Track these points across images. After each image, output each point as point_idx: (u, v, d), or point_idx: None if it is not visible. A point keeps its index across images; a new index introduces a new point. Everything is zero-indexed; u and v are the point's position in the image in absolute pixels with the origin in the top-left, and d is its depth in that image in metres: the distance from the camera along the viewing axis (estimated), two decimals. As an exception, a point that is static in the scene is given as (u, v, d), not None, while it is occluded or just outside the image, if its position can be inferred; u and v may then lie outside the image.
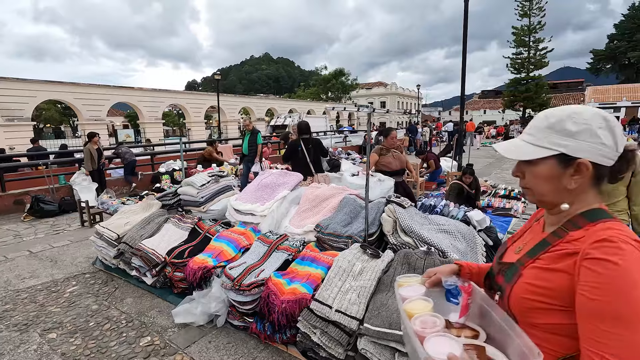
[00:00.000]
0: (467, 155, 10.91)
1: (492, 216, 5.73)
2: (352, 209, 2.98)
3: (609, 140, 0.77)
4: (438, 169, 8.19)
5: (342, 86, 49.16)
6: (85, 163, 7.36)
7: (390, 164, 4.45)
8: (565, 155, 0.79)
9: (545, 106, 31.26)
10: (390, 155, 4.50)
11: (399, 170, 4.53)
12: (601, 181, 0.82)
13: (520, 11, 29.85)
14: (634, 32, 47.39)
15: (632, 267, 0.67)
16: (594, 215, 0.79)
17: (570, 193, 0.81)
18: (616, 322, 0.66)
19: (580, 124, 0.78)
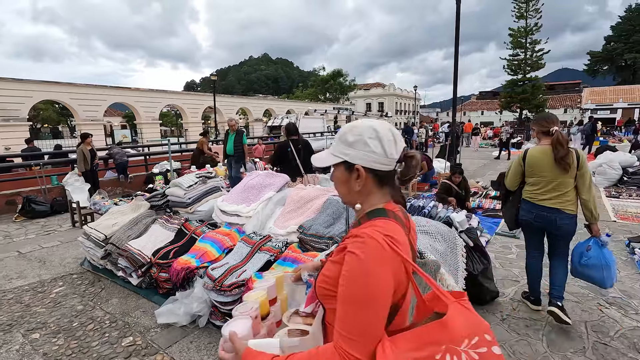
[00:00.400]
0: (460, 157, 10.97)
1: (482, 217, 5.78)
2: (335, 210, 3.00)
3: (378, 149, 0.88)
4: (431, 170, 8.23)
5: (340, 87, 49.22)
6: (78, 164, 7.36)
7: None
8: (348, 162, 0.90)
9: (541, 107, 31.40)
10: None
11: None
12: (384, 184, 0.92)
13: (517, 13, 29.98)
14: (630, 33, 47.63)
15: (369, 258, 0.76)
16: (374, 214, 0.89)
17: (359, 194, 0.92)
18: (350, 304, 0.77)
19: (355, 135, 0.90)
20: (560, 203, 2.60)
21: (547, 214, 2.64)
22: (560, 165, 2.54)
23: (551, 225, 2.66)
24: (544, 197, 2.65)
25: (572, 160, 2.54)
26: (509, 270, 3.74)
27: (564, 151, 2.52)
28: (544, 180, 2.64)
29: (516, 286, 3.38)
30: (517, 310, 2.94)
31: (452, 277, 2.51)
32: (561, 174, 2.57)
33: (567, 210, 2.60)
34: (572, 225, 2.64)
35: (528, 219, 2.77)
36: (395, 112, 56.75)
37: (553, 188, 2.61)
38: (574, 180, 2.58)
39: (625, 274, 3.59)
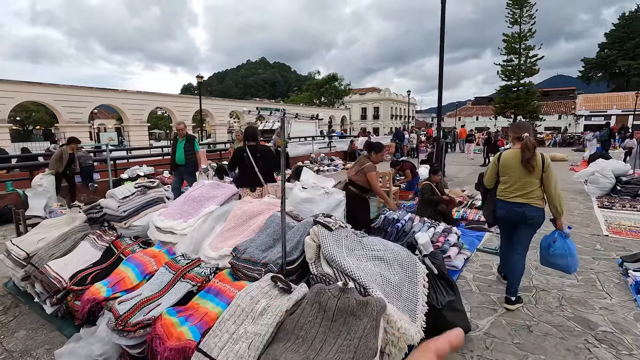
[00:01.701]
0: (446, 163, 10.59)
1: (465, 230, 5.35)
2: (277, 230, 2.55)
3: None
4: (415, 177, 7.81)
5: (335, 91, 49.00)
6: (51, 161, 6.84)
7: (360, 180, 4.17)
8: None
9: (535, 113, 31.21)
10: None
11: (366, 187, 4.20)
12: None
13: (511, 19, 29.86)
14: (624, 41, 47.85)
15: None
16: None
17: None
18: None
19: None
20: (527, 199, 2.95)
21: (517, 209, 2.99)
22: (525, 166, 2.89)
23: (522, 218, 2.99)
24: (514, 194, 3.00)
25: (536, 162, 2.89)
26: (487, 295, 3.30)
27: (530, 154, 2.87)
28: (512, 179, 3.00)
29: (493, 316, 2.93)
30: (491, 350, 2.50)
31: (408, 315, 2.06)
32: (527, 174, 2.92)
33: (535, 204, 2.95)
34: (540, 217, 2.99)
35: (501, 215, 3.12)
36: (391, 117, 56.60)
37: (520, 186, 2.97)
38: (539, 180, 2.94)
39: (617, 300, 3.16)
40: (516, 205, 2.97)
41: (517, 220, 3.03)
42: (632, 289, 3.32)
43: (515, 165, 2.95)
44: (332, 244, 2.16)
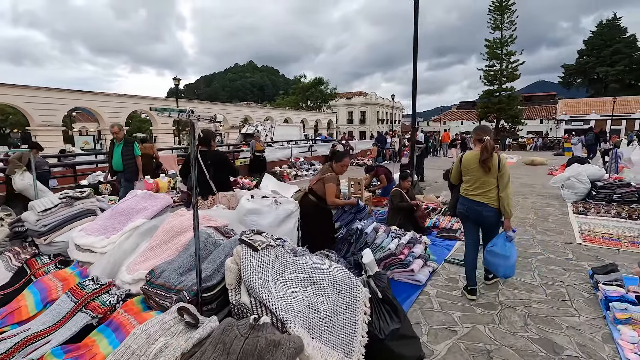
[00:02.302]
0: (413, 168, 10.43)
1: (436, 239, 5.11)
2: (202, 248, 2.23)
3: None
4: (391, 182, 7.57)
5: (321, 95, 48.90)
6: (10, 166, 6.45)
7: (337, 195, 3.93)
8: None
9: (517, 118, 31.66)
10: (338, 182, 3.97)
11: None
12: None
13: (493, 24, 30.28)
14: (601, 48, 49.18)
15: None
16: None
17: None
18: None
19: None
20: (485, 198, 3.10)
21: (476, 207, 3.15)
22: (482, 166, 3.04)
23: (479, 216, 3.18)
24: (474, 192, 3.16)
25: (493, 163, 3.02)
26: (448, 314, 3.03)
27: (487, 155, 3.01)
28: (472, 178, 3.16)
29: (452, 339, 2.67)
30: (444, 381, 2.23)
31: (341, 350, 1.77)
32: (484, 174, 3.07)
33: (491, 204, 3.10)
34: (496, 217, 3.16)
35: (462, 211, 3.30)
36: (377, 121, 56.82)
37: (479, 185, 3.12)
38: (496, 180, 3.07)
39: (585, 318, 2.94)
40: (475, 204, 3.15)
41: (475, 218, 3.21)
42: (601, 304, 3.11)
43: (475, 166, 3.11)
44: (255, 267, 1.85)
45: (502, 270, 3.16)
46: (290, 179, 11.41)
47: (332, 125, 47.84)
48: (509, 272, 3.20)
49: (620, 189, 7.24)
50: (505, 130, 31.79)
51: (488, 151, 3.01)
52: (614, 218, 6.15)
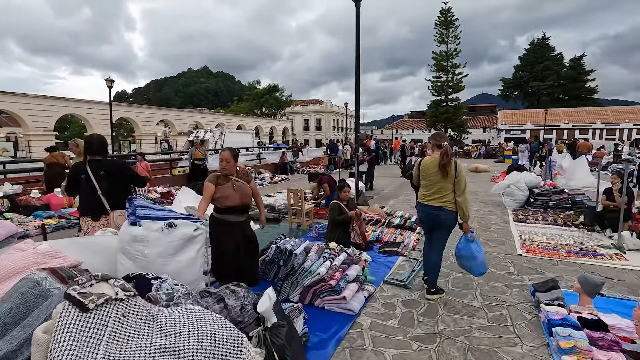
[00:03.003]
0: (374, 175, 10.23)
1: (377, 255, 4.71)
2: (19, 304, 1.55)
3: None
4: (334, 193, 7.15)
5: (276, 102, 48.25)
6: None
7: (226, 198, 3.06)
8: None
9: (462, 127, 33.37)
10: (229, 185, 3.12)
11: (239, 207, 3.13)
12: None
13: (439, 38, 31.82)
14: (534, 64, 53.97)
15: None
16: None
17: None
18: None
19: None
20: (442, 202, 3.19)
21: (433, 211, 3.23)
22: (441, 171, 3.12)
23: (436, 220, 3.25)
24: (430, 198, 3.23)
25: (451, 168, 3.11)
26: (380, 353, 2.57)
27: (446, 160, 3.11)
28: (429, 183, 3.24)
29: (381, 389, 2.20)
30: None
31: None
32: (442, 179, 3.15)
33: (449, 208, 3.19)
34: (452, 220, 3.24)
35: (421, 217, 3.40)
36: (333, 129, 57.33)
37: (437, 190, 3.20)
38: (452, 185, 3.16)
39: (528, 348, 2.62)
40: (433, 208, 3.22)
41: (434, 222, 3.29)
42: (544, 328, 2.84)
43: (433, 171, 3.19)
44: (72, 340, 1.23)
45: (476, 270, 3.32)
46: (234, 189, 10.64)
47: (288, 132, 47.35)
48: (482, 270, 3.33)
49: (556, 195, 7.45)
50: (452, 139, 33.31)
51: (447, 156, 3.13)
52: (551, 225, 6.22)
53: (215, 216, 3.11)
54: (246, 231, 3.23)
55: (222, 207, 3.08)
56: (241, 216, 3.17)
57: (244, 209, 3.20)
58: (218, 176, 3.11)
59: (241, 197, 3.12)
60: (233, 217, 3.10)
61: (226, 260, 3.04)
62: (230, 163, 3.12)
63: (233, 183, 3.12)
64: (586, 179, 11.40)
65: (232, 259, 3.04)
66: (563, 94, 53.00)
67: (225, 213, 3.08)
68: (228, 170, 3.11)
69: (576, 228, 6.02)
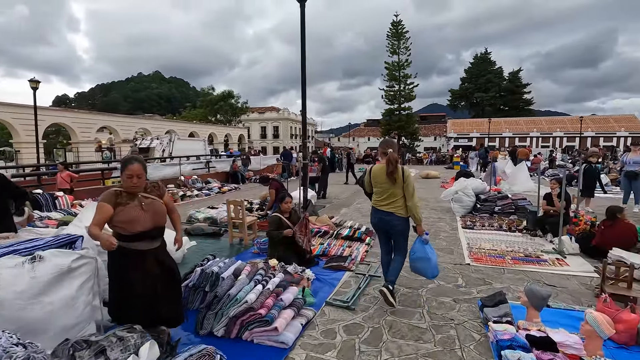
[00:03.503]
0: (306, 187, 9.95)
1: (322, 272, 4.32)
2: None
3: None
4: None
5: (231, 108, 46.94)
6: None
7: (134, 222, 2.35)
8: None
9: (415, 135, 34.56)
10: (136, 204, 2.40)
11: (151, 231, 2.43)
12: None
13: (391, 49, 32.87)
14: (478, 77, 57.84)
15: None
16: None
17: None
18: None
19: None
20: (393, 208, 3.24)
21: (385, 217, 3.29)
22: (389, 178, 3.19)
23: (388, 225, 3.32)
24: (382, 203, 3.29)
25: (398, 175, 3.17)
26: (313, 398, 2.16)
27: (392, 167, 3.16)
28: (381, 189, 3.30)
29: None
30: None
31: None
32: (391, 186, 3.22)
33: (398, 213, 3.24)
34: (403, 226, 3.29)
35: (374, 222, 3.44)
36: (291, 137, 57.00)
37: (387, 196, 3.26)
38: (402, 191, 3.22)
39: (478, 375, 2.36)
40: (385, 214, 3.28)
41: (386, 227, 3.35)
42: (492, 350, 2.60)
43: (382, 178, 3.24)
44: None
45: (429, 272, 3.34)
46: (176, 201, 9.81)
47: (244, 140, 46.17)
48: (435, 272, 3.37)
49: (500, 201, 7.60)
50: (405, 146, 34.36)
51: (392, 164, 3.16)
52: (496, 231, 6.26)
53: (118, 245, 2.30)
54: (162, 259, 2.54)
55: (128, 234, 2.35)
56: (154, 241, 2.48)
57: (158, 232, 2.52)
58: (118, 193, 2.38)
59: (153, 217, 2.44)
60: (144, 244, 2.40)
61: (135, 303, 2.35)
62: (142, 179, 2.44)
63: (141, 201, 2.42)
64: (527, 183, 12.01)
65: (145, 300, 2.38)
66: (504, 105, 57.20)
67: (134, 240, 2.36)
68: (138, 187, 2.44)
69: (520, 233, 6.11)
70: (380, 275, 4.05)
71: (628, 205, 8.02)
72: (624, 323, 2.66)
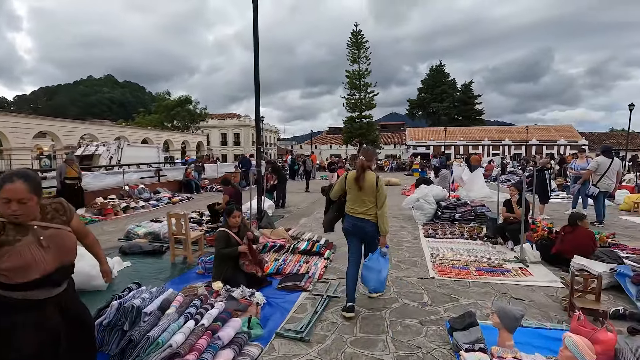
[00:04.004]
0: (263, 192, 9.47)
1: (275, 293, 3.82)
2: None
3: None
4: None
5: (188, 114, 45.01)
6: None
7: (25, 268, 1.62)
8: None
9: (375, 142, 35.09)
10: (29, 242, 1.66)
11: (53, 275, 1.71)
12: None
13: (351, 58, 33.33)
14: (433, 87, 60.46)
15: None
16: None
17: None
18: None
19: None
20: (366, 215, 3.24)
21: (359, 223, 3.28)
22: (356, 184, 3.22)
23: (362, 231, 3.30)
24: (356, 210, 3.28)
25: (369, 182, 3.20)
26: None
27: (358, 173, 3.23)
28: (353, 197, 3.30)
29: None
30: None
31: None
32: (362, 192, 3.23)
33: (372, 220, 3.25)
34: (376, 233, 3.29)
35: (347, 227, 3.38)
36: (252, 144, 55.84)
37: (360, 204, 3.27)
38: (374, 198, 3.23)
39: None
40: (359, 220, 3.25)
41: (360, 234, 3.31)
42: (466, 385, 2.25)
43: (355, 184, 3.23)
44: None
45: (372, 284, 3.34)
46: (118, 213, 8.81)
47: (203, 147, 44.35)
48: (378, 287, 3.41)
49: (460, 208, 7.54)
50: (367, 154, 34.79)
51: (358, 170, 3.22)
52: (458, 239, 6.11)
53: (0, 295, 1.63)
54: (68, 308, 1.84)
55: (17, 284, 1.63)
56: (56, 287, 1.77)
57: (64, 274, 1.81)
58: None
59: (57, 255, 1.73)
60: (42, 292, 1.71)
61: None
62: (29, 205, 1.66)
63: (38, 235, 1.69)
64: (482, 190, 12.31)
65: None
66: (458, 114, 60.15)
67: (26, 289, 1.65)
68: (24, 217, 1.66)
69: (481, 241, 6.00)
70: (339, 296, 3.63)
71: (577, 209, 8.35)
72: (602, 344, 2.43)
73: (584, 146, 42.65)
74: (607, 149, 7.81)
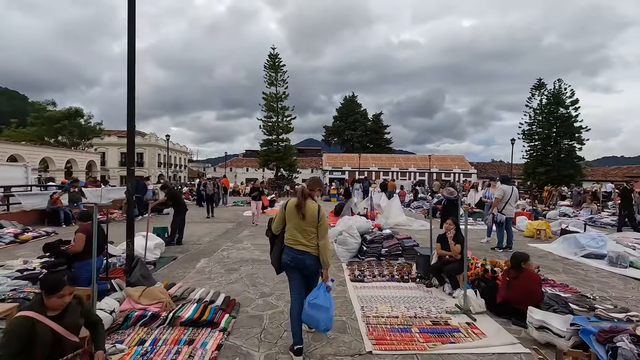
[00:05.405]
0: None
1: None
2: None
3: None
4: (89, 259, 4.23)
5: (78, 129, 38.54)
6: None
7: None
8: None
9: (293, 166, 34.39)
10: None
11: None
12: None
13: (268, 80, 32.58)
14: (347, 116, 63.57)
15: None
16: None
17: None
18: None
19: None
20: (307, 247, 3.04)
21: (299, 256, 3.06)
22: (298, 212, 3.02)
23: (302, 265, 3.06)
24: (297, 241, 3.06)
25: (311, 212, 3.02)
26: None
27: (300, 201, 3.05)
28: (294, 226, 3.08)
29: None
30: None
31: None
32: (303, 222, 3.03)
33: (313, 253, 3.05)
34: (317, 265, 3.08)
35: (286, 261, 3.12)
36: (159, 165, 50.49)
37: (301, 234, 3.05)
38: (316, 229, 3.05)
39: None
40: (298, 253, 3.05)
41: (300, 267, 3.08)
42: None
43: (295, 213, 3.04)
44: None
45: (322, 325, 2.93)
46: None
47: (96, 167, 37.99)
48: (329, 326, 3.00)
49: (386, 241, 6.75)
50: (283, 178, 33.73)
51: (299, 197, 3.07)
52: (388, 282, 5.20)
53: None
54: None
55: None
56: None
57: None
58: None
59: None
60: None
61: None
62: None
63: None
64: (399, 217, 12.11)
65: None
66: (369, 142, 63.93)
67: None
68: None
69: (413, 282, 5.18)
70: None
71: (492, 237, 8.36)
72: None
73: (474, 174, 48.57)
74: (505, 178, 8.10)
